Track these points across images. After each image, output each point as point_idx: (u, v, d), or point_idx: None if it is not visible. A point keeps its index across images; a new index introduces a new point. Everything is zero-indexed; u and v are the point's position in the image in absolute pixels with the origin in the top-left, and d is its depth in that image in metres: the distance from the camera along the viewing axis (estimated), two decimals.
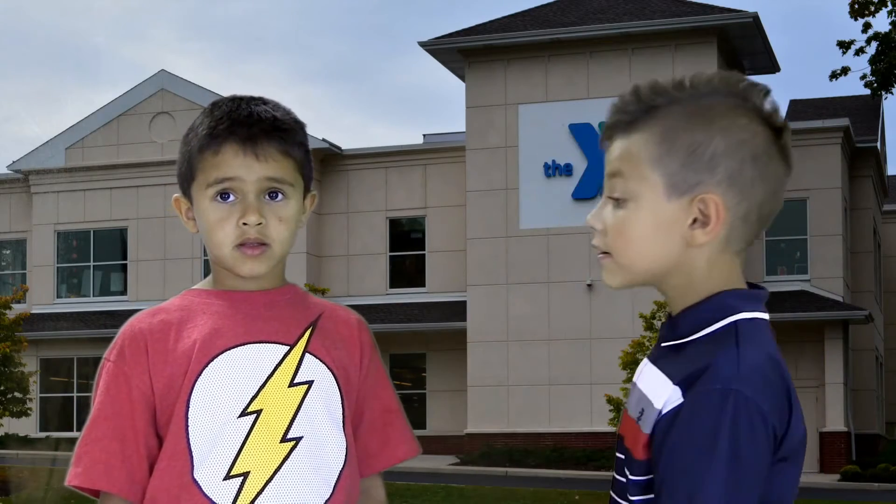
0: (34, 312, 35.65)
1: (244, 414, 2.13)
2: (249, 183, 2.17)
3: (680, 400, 1.66)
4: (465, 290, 33.14)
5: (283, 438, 2.13)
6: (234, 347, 2.16)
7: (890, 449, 30.42)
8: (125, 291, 37.11)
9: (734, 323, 1.72)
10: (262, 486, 2.10)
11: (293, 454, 2.13)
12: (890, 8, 24.34)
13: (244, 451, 2.11)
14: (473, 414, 32.31)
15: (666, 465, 1.64)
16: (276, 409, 2.14)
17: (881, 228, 41.08)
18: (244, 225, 2.16)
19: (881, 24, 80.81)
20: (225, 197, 2.18)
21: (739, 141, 1.73)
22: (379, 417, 2.29)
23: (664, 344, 1.79)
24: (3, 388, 27.42)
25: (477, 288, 32.58)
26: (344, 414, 2.21)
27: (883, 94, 25.47)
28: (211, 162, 2.18)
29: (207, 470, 2.11)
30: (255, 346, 2.17)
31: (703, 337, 1.72)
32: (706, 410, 1.62)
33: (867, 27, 24.52)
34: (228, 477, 2.10)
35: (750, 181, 1.73)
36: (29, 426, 34.26)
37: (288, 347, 2.18)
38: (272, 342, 2.18)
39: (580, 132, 32.03)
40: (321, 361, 2.19)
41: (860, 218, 37.39)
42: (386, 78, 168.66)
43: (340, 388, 2.21)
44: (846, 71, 24.96)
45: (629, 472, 1.75)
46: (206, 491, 2.10)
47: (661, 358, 1.78)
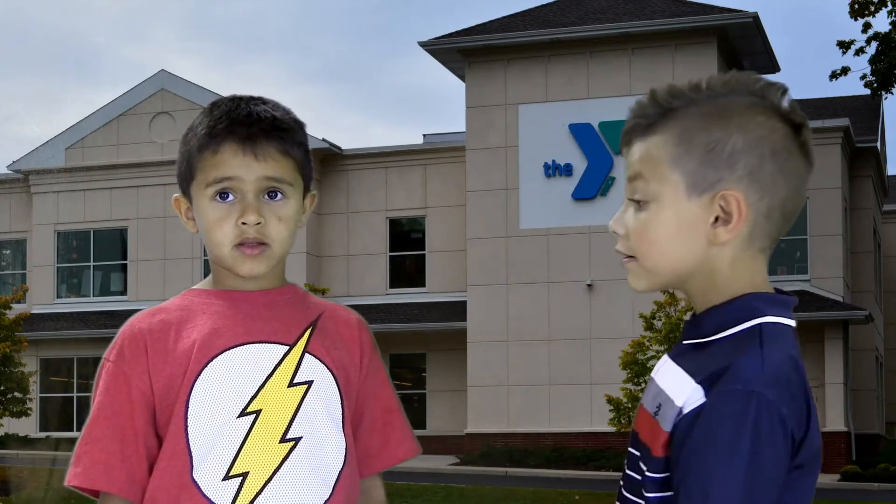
0: (34, 312, 35.63)
1: (243, 414, 2.12)
2: (248, 182, 2.16)
3: (702, 399, 1.65)
4: (465, 290, 33.12)
5: (282, 439, 2.12)
6: (233, 347, 2.15)
7: (890, 449, 30.40)
8: (125, 291, 37.09)
9: (759, 326, 1.72)
10: (261, 486, 2.10)
11: (292, 454, 2.12)
12: (890, 8, 24.33)
13: (243, 451, 2.11)
14: (473, 414, 32.29)
15: (686, 464, 1.64)
16: (275, 409, 2.13)
17: (881, 228, 41.07)
18: (243, 224, 2.16)
19: (881, 24, 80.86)
20: (224, 196, 2.17)
21: (758, 137, 1.73)
22: (379, 417, 2.28)
23: (686, 342, 1.78)
24: (3, 388, 27.40)
25: (477, 288, 32.56)
26: (343, 414, 2.20)
27: (883, 94, 25.47)
28: (210, 161, 2.17)
29: (207, 470, 2.10)
30: (254, 346, 2.16)
31: (726, 337, 1.72)
32: (728, 411, 1.62)
33: (867, 27, 24.52)
34: (228, 477, 2.10)
35: (770, 177, 1.73)
36: (29, 426, 34.24)
37: (287, 347, 2.17)
38: (272, 342, 2.17)
39: (580, 132, 32.00)
40: (321, 361, 2.19)
41: (860, 218, 37.38)
42: (386, 78, 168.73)
43: (340, 388, 2.20)
44: (846, 71, 24.95)
45: (645, 468, 1.74)
46: (205, 491, 2.09)
47: (682, 355, 1.78)
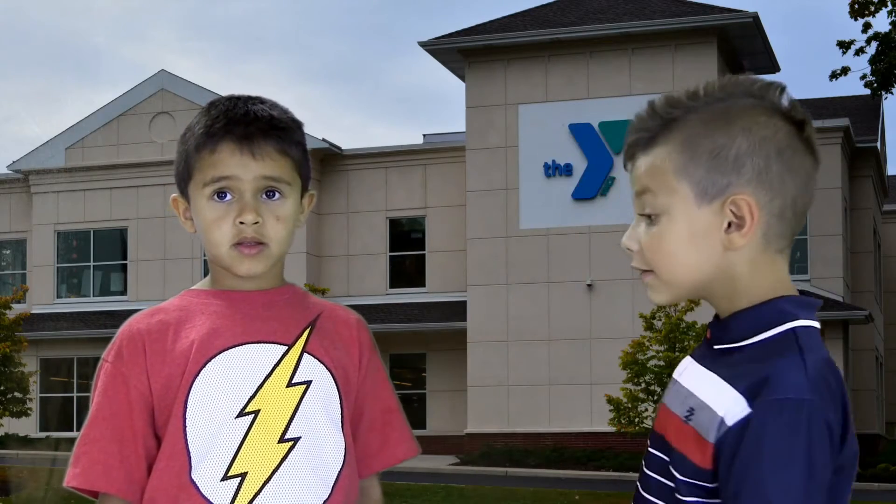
0: (34, 312, 35.63)
1: (242, 414, 2.12)
2: (246, 182, 2.16)
3: (746, 409, 1.63)
4: (465, 290, 33.11)
5: (280, 439, 2.12)
6: (231, 347, 2.15)
7: (890, 449, 30.38)
8: (125, 291, 37.09)
9: (792, 330, 1.71)
10: (259, 486, 2.10)
11: (291, 454, 2.12)
12: (890, 8, 24.34)
13: (242, 451, 2.10)
14: (473, 414, 32.28)
15: (740, 477, 1.61)
16: (273, 409, 2.13)
17: (881, 228, 41.08)
18: (241, 224, 2.15)
19: (881, 24, 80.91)
20: (222, 196, 2.17)
21: (762, 138, 1.72)
22: (378, 417, 2.28)
23: (716, 347, 1.76)
24: (3, 388, 27.40)
25: (477, 288, 32.56)
26: (342, 414, 2.19)
27: (883, 94, 25.48)
28: (208, 161, 2.17)
29: (205, 470, 2.10)
30: (253, 346, 2.16)
31: (759, 342, 1.71)
32: (780, 421, 1.60)
33: (867, 27, 24.52)
34: (226, 477, 2.09)
35: (779, 176, 1.72)
36: (29, 426, 34.25)
37: (286, 347, 2.17)
38: (270, 342, 2.17)
39: (580, 132, 32.00)
40: (320, 361, 2.18)
41: (860, 218, 37.39)
42: (386, 78, 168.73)
43: (339, 388, 2.20)
44: (846, 71, 24.95)
45: (678, 473, 1.71)
46: (203, 491, 2.09)
47: (709, 359, 1.76)
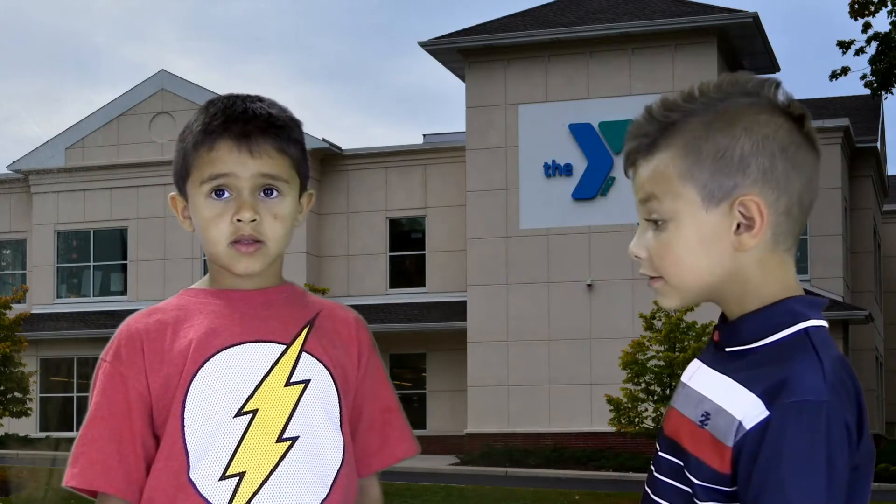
0: (34, 312, 35.63)
1: (240, 414, 2.11)
2: (244, 179, 2.15)
3: (763, 412, 1.62)
4: (465, 290, 33.11)
5: (278, 438, 2.11)
6: (230, 347, 2.14)
7: (890, 449, 30.34)
8: (125, 291, 37.09)
9: (805, 330, 1.69)
10: (257, 486, 2.09)
11: (289, 454, 2.11)
12: (890, 8, 24.35)
13: (240, 451, 2.10)
14: (473, 414, 32.28)
15: (761, 480, 1.60)
16: (271, 408, 2.12)
17: (881, 228, 41.09)
18: (238, 222, 2.15)
19: (881, 24, 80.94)
20: (220, 194, 2.16)
21: (764, 136, 1.71)
22: (378, 416, 2.27)
23: (727, 349, 1.75)
24: (3, 388, 27.38)
25: (477, 288, 32.55)
26: (341, 413, 2.19)
27: (883, 94, 25.49)
28: (206, 158, 2.17)
29: (203, 470, 2.09)
30: (251, 345, 2.15)
31: (772, 343, 1.70)
32: (800, 424, 1.60)
33: (867, 27, 24.53)
34: (224, 477, 2.09)
35: (784, 174, 1.71)
36: (29, 426, 34.25)
37: (284, 346, 2.16)
38: (269, 341, 2.16)
39: (580, 132, 32.00)
40: (318, 360, 2.18)
41: (860, 218, 37.39)
42: (386, 78, 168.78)
43: (338, 387, 2.19)
44: (846, 71, 24.96)
45: (695, 477, 1.70)
46: (201, 491, 2.08)
47: (720, 362, 1.74)
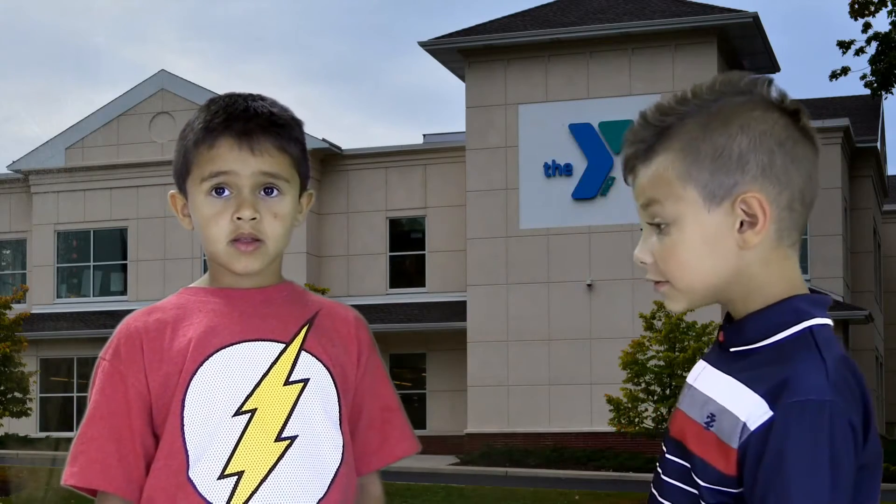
0: (34, 312, 35.62)
1: (239, 413, 2.11)
2: (244, 177, 2.15)
3: (768, 413, 1.62)
4: (465, 290, 33.10)
5: (277, 437, 2.11)
6: (229, 345, 2.14)
7: (890, 449, 30.33)
8: (125, 291, 37.09)
9: (809, 329, 1.69)
10: (256, 485, 2.09)
11: (288, 453, 2.11)
12: (890, 8, 24.33)
13: (238, 450, 2.09)
14: (473, 414, 32.28)
15: (766, 481, 1.60)
16: (270, 407, 2.12)
17: (881, 228, 41.09)
18: (238, 220, 2.14)
19: (881, 24, 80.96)
20: (220, 192, 2.16)
21: (761, 132, 1.71)
22: (378, 415, 2.27)
23: (732, 349, 1.74)
24: (3, 388, 27.37)
25: (477, 288, 32.55)
26: (340, 412, 2.18)
27: (883, 94, 25.46)
28: (206, 156, 2.16)
29: (202, 469, 2.09)
30: (250, 343, 2.15)
31: (776, 343, 1.69)
32: (804, 424, 1.59)
33: (867, 27, 24.51)
34: (223, 476, 2.09)
35: (783, 169, 1.71)
36: (29, 426, 34.24)
37: (284, 345, 2.16)
38: (268, 340, 2.16)
39: (580, 132, 31.99)
40: (317, 359, 2.17)
41: (860, 218, 37.40)
42: (386, 78, 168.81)
43: (337, 385, 2.19)
44: (846, 71, 24.94)
45: (701, 479, 1.70)
46: (200, 490, 2.08)
47: (725, 362, 1.74)
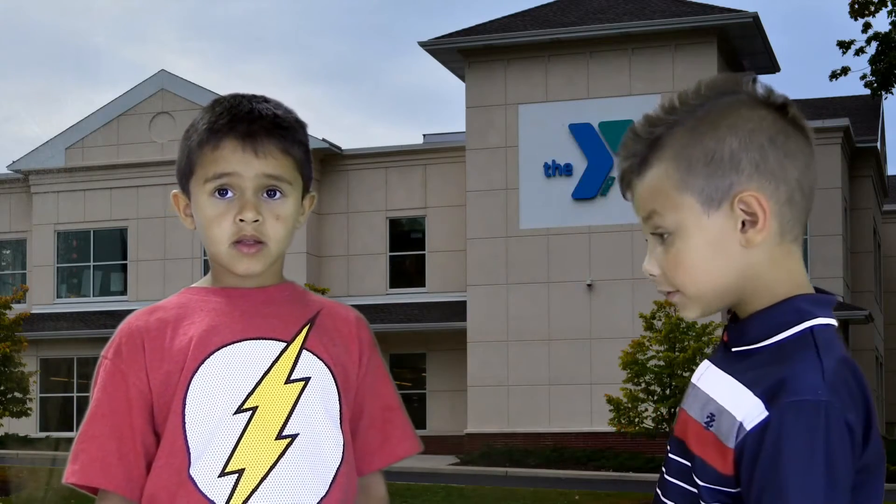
0: (34, 312, 35.62)
1: (240, 411, 2.11)
2: (248, 179, 2.16)
3: (764, 413, 1.62)
4: (465, 290, 33.10)
5: (278, 436, 2.12)
6: (230, 344, 2.15)
7: (890, 449, 30.33)
8: (125, 291, 37.08)
9: (810, 329, 1.69)
10: (256, 483, 2.09)
11: (288, 451, 2.12)
12: (890, 8, 24.33)
13: (239, 448, 2.10)
14: (473, 414, 32.28)
15: (762, 482, 1.60)
16: (271, 406, 2.12)
17: (881, 228, 41.09)
18: (241, 221, 2.15)
19: (881, 24, 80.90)
20: (223, 193, 2.17)
21: (749, 131, 1.71)
22: (379, 415, 2.27)
23: (735, 349, 1.75)
24: (3, 388, 27.38)
25: (477, 288, 32.55)
26: (341, 411, 2.19)
27: (883, 94, 25.47)
28: (210, 157, 2.17)
29: (203, 467, 2.10)
30: (251, 342, 2.16)
31: (777, 343, 1.69)
32: (799, 424, 1.59)
33: (867, 27, 24.52)
34: (223, 474, 2.09)
35: (777, 163, 1.71)
36: (29, 426, 34.24)
37: (285, 344, 2.17)
38: (269, 339, 2.17)
39: (580, 132, 31.99)
40: (319, 358, 2.18)
41: (860, 218, 37.40)
42: (386, 78, 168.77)
43: (338, 385, 2.19)
44: (846, 71, 24.94)
45: (700, 479, 1.70)
46: (201, 488, 2.09)
47: (729, 362, 1.74)
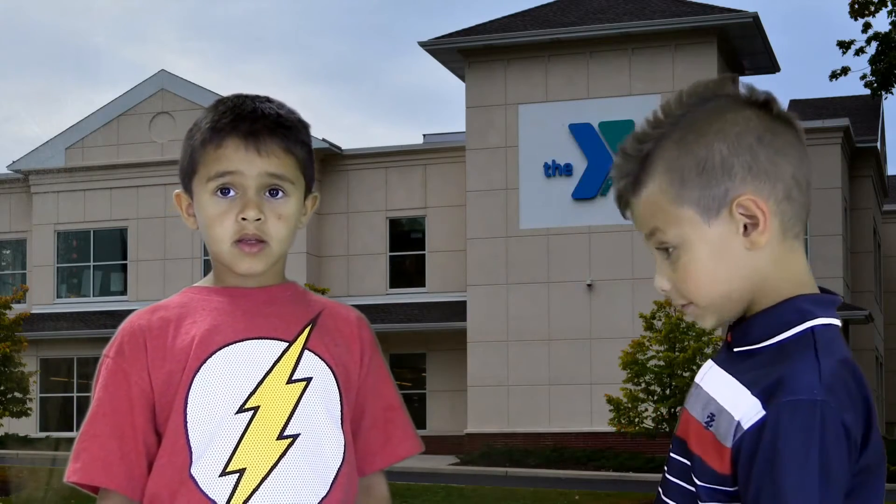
0: (34, 312, 35.61)
1: (241, 410, 2.12)
2: (250, 178, 2.16)
3: (761, 412, 1.62)
4: (465, 290, 33.10)
5: (279, 435, 2.12)
6: (232, 344, 2.15)
7: (890, 449, 30.33)
8: (125, 291, 37.08)
9: (811, 329, 1.69)
10: (257, 483, 2.10)
11: (290, 451, 2.12)
12: (890, 8, 24.32)
13: (240, 447, 2.10)
14: (473, 414, 32.28)
15: (757, 481, 1.61)
16: (273, 405, 2.12)
17: (881, 228, 41.09)
18: (243, 220, 2.15)
19: (881, 24, 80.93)
20: (225, 192, 2.17)
21: (737, 134, 1.71)
22: (381, 415, 2.28)
23: (737, 349, 1.75)
24: (3, 388, 27.38)
25: (477, 288, 32.54)
26: (343, 411, 2.19)
27: (883, 94, 25.46)
28: (213, 156, 2.17)
29: (204, 466, 2.10)
30: (253, 342, 2.16)
31: (778, 343, 1.70)
32: (794, 424, 1.59)
33: (867, 27, 24.51)
34: (224, 473, 2.09)
35: (769, 162, 1.71)
36: (29, 426, 34.24)
37: (287, 344, 2.17)
38: (271, 338, 2.17)
39: (580, 132, 31.99)
40: (320, 358, 2.18)
41: (860, 218, 37.40)
42: (386, 78, 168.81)
43: (339, 385, 2.20)
44: (846, 71, 24.94)
45: (698, 478, 1.71)
46: (202, 487, 2.09)
47: (731, 362, 1.75)
